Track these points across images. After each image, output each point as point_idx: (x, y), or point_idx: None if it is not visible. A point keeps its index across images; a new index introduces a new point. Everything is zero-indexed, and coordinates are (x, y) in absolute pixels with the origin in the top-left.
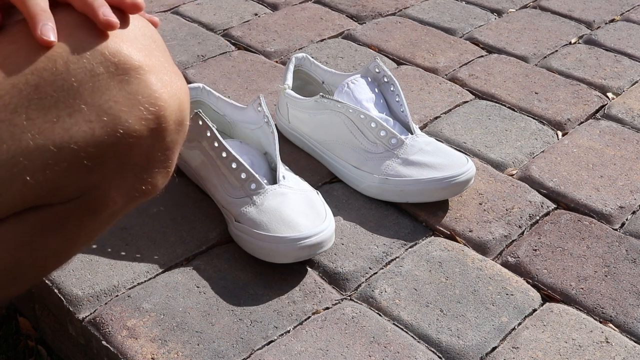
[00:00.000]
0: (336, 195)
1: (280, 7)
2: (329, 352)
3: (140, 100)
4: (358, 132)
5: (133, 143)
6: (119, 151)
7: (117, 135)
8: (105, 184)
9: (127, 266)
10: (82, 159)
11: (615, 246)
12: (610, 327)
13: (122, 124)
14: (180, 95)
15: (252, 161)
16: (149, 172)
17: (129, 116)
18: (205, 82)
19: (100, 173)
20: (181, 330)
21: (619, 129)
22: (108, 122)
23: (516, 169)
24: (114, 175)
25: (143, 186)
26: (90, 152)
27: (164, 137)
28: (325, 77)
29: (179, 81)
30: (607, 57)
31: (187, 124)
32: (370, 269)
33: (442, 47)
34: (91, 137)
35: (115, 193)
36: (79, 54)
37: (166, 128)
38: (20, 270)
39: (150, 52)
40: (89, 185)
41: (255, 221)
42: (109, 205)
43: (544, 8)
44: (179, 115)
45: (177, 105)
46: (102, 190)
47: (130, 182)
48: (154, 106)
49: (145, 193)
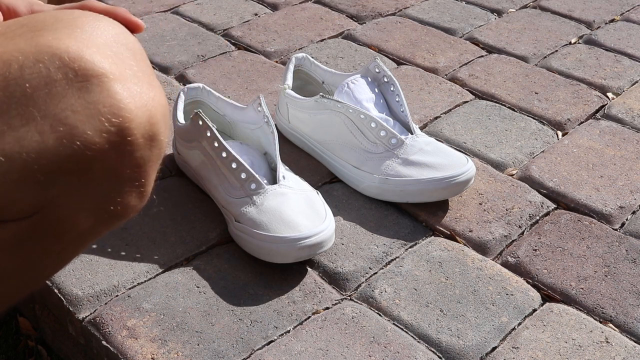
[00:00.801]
0: (336, 195)
1: (280, 7)
2: (329, 352)
3: (102, 110)
4: (358, 132)
5: (93, 157)
6: (78, 165)
7: (73, 147)
8: (65, 201)
9: (127, 266)
10: (34, 172)
11: (615, 246)
12: (610, 327)
13: (80, 135)
14: (152, 107)
15: (252, 161)
16: (119, 192)
17: (87, 127)
18: (205, 82)
19: (57, 188)
20: (181, 330)
21: (619, 129)
22: (64, 132)
23: (516, 169)
24: (75, 192)
25: (112, 206)
26: (44, 165)
27: (131, 152)
28: (325, 77)
29: (153, 92)
30: (607, 57)
31: (163, 140)
32: (370, 269)
33: (442, 47)
34: (45, 148)
35: (79, 212)
36: (36, 58)
37: (132, 142)
38: None
39: (121, 60)
40: (45, 202)
41: (255, 221)
42: (73, 226)
43: (544, 8)
44: (149, 129)
45: (147, 118)
46: (61, 208)
47: (96, 201)
48: (117, 117)
49: (117, 214)
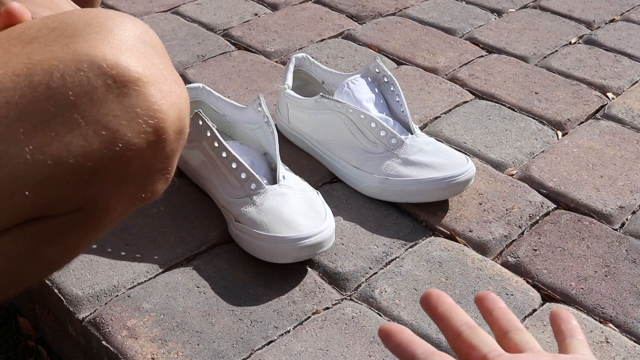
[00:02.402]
0: (336, 195)
1: (280, 7)
2: (329, 352)
3: (139, 113)
4: (358, 132)
5: (132, 156)
6: (118, 164)
7: (115, 150)
8: (106, 195)
9: (127, 266)
10: (80, 173)
11: (615, 246)
12: (610, 327)
13: (121, 138)
14: (180, 103)
15: (252, 161)
16: (149, 181)
17: (127, 130)
18: (205, 82)
19: (100, 186)
20: (181, 330)
21: (619, 129)
22: (107, 136)
23: (516, 169)
24: (114, 186)
25: (143, 194)
26: (89, 167)
27: (164, 147)
28: (325, 77)
29: (179, 89)
30: (607, 57)
31: (187, 131)
32: (370, 269)
33: (442, 47)
34: (90, 152)
35: (116, 202)
36: (76, 67)
37: (166, 139)
38: (18, 278)
39: (149, 60)
40: (88, 198)
41: (255, 221)
42: (109, 214)
43: (544, 8)
44: (179, 125)
45: (177, 115)
46: (101, 201)
47: (130, 192)
48: (153, 119)
49: (145, 199)
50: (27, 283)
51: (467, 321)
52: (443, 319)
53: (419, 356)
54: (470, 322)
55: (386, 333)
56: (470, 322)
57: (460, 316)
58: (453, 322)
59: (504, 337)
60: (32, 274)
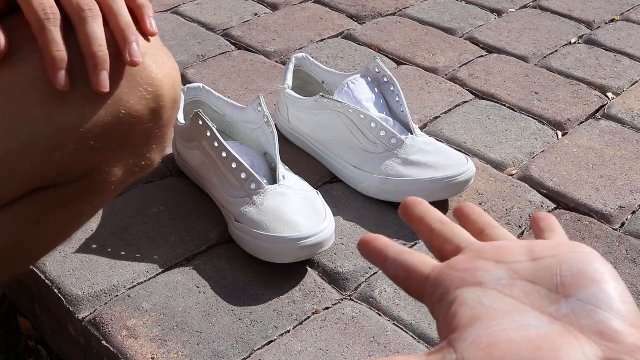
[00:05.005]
0: (336, 195)
1: (280, 7)
2: (329, 352)
3: (139, 81)
4: (358, 132)
5: (134, 122)
6: (122, 131)
7: (119, 116)
8: (109, 162)
9: (127, 266)
10: (88, 140)
11: (615, 246)
12: None
13: (125, 105)
14: (173, 74)
15: (252, 161)
16: (148, 149)
17: (130, 97)
18: (205, 82)
19: (105, 152)
20: (181, 330)
21: (619, 129)
22: (111, 104)
23: (516, 169)
24: (117, 154)
25: (142, 162)
26: (96, 134)
27: (162, 115)
28: (325, 77)
29: (170, 61)
30: (607, 57)
31: (180, 101)
32: (370, 269)
33: (442, 47)
34: (97, 119)
35: (119, 170)
36: None
37: (164, 106)
38: (25, 248)
39: None
40: (94, 165)
41: (255, 221)
42: (111, 182)
43: (544, 8)
44: (174, 94)
45: (172, 84)
46: (105, 169)
47: (130, 158)
48: (152, 86)
49: (144, 168)
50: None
51: (441, 219)
52: (418, 221)
53: (390, 257)
54: (444, 219)
55: (362, 243)
56: (444, 219)
57: (434, 215)
58: (427, 220)
59: (480, 235)
60: (39, 245)
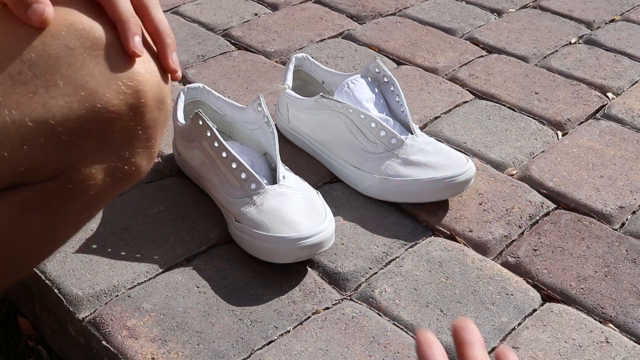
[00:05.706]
0: (336, 195)
1: (280, 7)
2: (329, 352)
3: (118, 75)
4: (358, 132)
5: (112, 118)
6: (98, 126)
7: (94, 110)
8: (86, 161)
9: (127, 266)
10: (59, 134)
11: (615, 246)
12: (610, 327)
13: (100, 98)
14: (158, 72)
15: (252, 161)
16: (131, 152)
17: (106, 90)
18: (205, 82)
19: (79, 149)
20: (181, 330)
21: (619, 129)
22: (85, 96)
23: (516, 169)
24: (95, 152)
25: (126, 166)
26: (68, 127)
27: (144, 113)
28: (325, 77)
29: (156, 59)
30: (607, 57)
31: (169, 103)
32: (370, 269)
33: (442, 47)
34: (69, 112)
35: (98, 172)
36: (56, 30)
37: (145, 104)
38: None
39: None
40: (68, 162)
41: (255, 221)
42: (92, 186)
43: (544, 8)
44: (159, 92)
45: (156, 82)
46: (83, 169)
47: (111, 161)
48: (132, 81)
49: (129, 174)
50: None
51: None
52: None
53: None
54: None
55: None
56: None
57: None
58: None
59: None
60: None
